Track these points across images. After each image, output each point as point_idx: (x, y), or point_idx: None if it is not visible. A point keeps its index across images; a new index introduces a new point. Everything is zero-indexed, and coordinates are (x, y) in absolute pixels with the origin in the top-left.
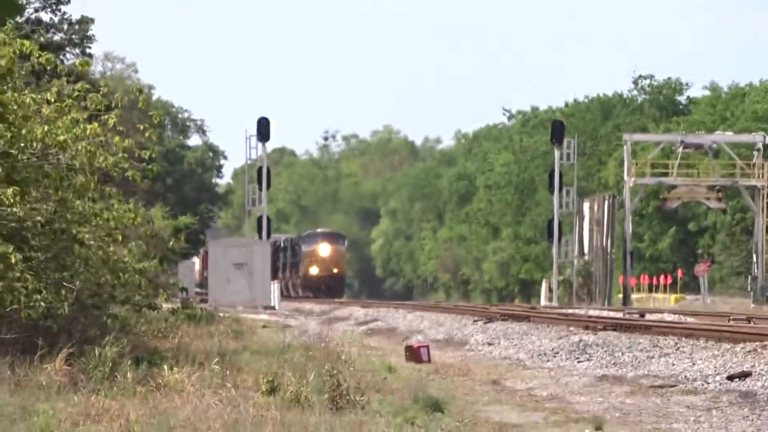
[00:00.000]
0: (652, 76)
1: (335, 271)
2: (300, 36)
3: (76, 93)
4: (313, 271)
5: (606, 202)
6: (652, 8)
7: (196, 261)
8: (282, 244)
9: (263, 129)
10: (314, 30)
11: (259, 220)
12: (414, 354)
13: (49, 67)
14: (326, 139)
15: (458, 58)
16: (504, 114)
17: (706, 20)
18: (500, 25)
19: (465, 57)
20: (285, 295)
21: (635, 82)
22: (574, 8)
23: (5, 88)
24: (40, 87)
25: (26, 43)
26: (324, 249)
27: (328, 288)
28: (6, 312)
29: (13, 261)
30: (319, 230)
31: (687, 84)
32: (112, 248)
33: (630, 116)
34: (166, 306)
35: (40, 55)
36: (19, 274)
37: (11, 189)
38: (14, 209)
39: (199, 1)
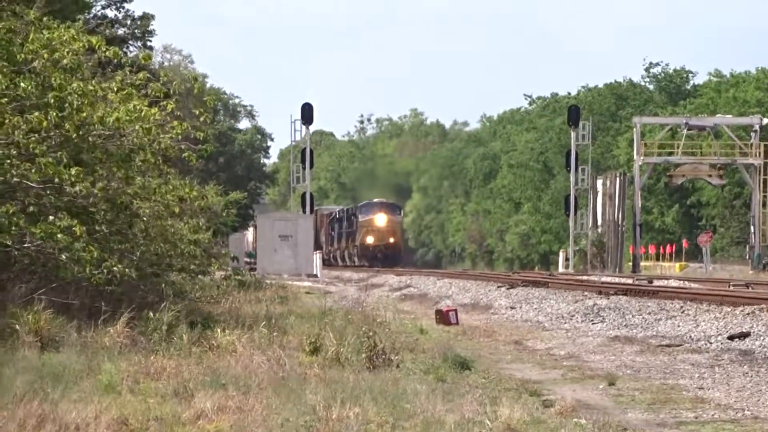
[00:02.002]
0: (666, 64)
1: (391, 240)
2: (337, 28)
3: (138, 82)
4: (370, 240)
5: (618, 179)
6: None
7: (249, 233)
8: (337, 215)
9: (307, 113)
10: (350, 23)
11: (303, 196)
12: (443, 317)
13: (114, 60)
14: (362, 122)
15: (482, 46)
16: (525, 99)
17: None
18: (522, 16)
19: (489, 46)
20: (341, 264)
21: (647, 69)
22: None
23: (72, 78)
24: (105, 77)
25: (93, 39)
26: (380, 219)
27: (385, 257)
28: (73, 280)
29: (78, 233)
30: (375, 200)
31: (692, 72)
32: (170, 221)
33: (637, 99)
34: (218, 274)
35: (106, 49)
36: (84, 245)
37: (75, 169)
38: (78, 187)
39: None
